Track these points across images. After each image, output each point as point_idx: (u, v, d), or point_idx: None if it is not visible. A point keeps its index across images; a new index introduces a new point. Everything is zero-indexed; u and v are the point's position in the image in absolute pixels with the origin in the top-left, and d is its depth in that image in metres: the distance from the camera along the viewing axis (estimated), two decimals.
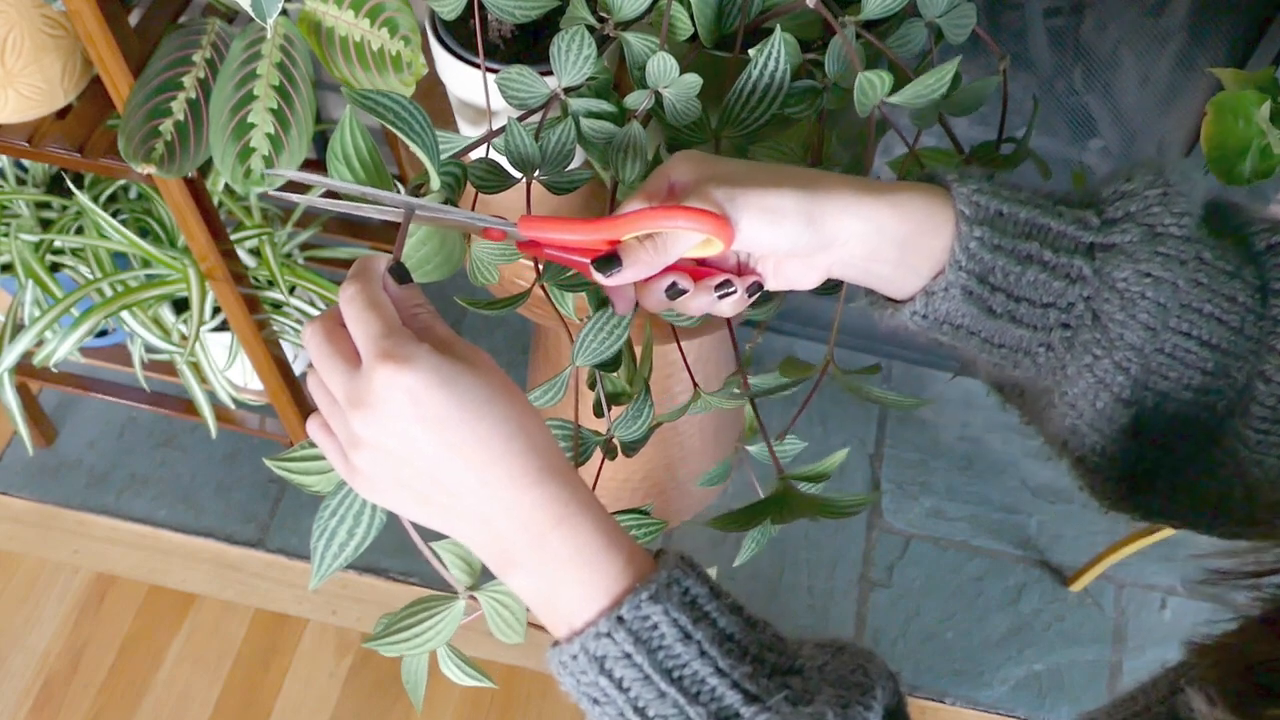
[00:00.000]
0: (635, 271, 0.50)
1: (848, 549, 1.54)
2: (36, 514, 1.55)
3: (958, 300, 0.49)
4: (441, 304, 0.53)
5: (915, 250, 0.49)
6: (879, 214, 0.49)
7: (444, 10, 0.68)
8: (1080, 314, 0.49)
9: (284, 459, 0.54)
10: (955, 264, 0.49)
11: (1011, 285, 0.49)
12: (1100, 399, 0.50)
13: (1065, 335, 0.50)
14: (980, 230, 0.48)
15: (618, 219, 0.50)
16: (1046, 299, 0.49)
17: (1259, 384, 0.49)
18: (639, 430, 0.62)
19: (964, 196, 0.49)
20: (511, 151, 0.59)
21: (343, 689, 1.42)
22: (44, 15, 0.91)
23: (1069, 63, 1.25)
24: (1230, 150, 0.67)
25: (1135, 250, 0.48)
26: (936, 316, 0.50)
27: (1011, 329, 0.50)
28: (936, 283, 0.50)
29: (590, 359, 0.59)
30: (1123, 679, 1.46)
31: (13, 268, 1.26)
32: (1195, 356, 0.49)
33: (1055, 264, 0.49)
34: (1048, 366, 0.51)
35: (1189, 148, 1.29)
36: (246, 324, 1.14)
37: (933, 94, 0.62)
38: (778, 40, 0.60)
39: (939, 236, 0.49)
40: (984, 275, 0.49)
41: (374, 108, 0.52)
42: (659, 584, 0.44)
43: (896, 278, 0.51)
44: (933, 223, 0.49)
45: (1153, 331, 0.48)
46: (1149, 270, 0.48)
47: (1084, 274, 0.49)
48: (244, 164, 0.77)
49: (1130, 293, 0.48)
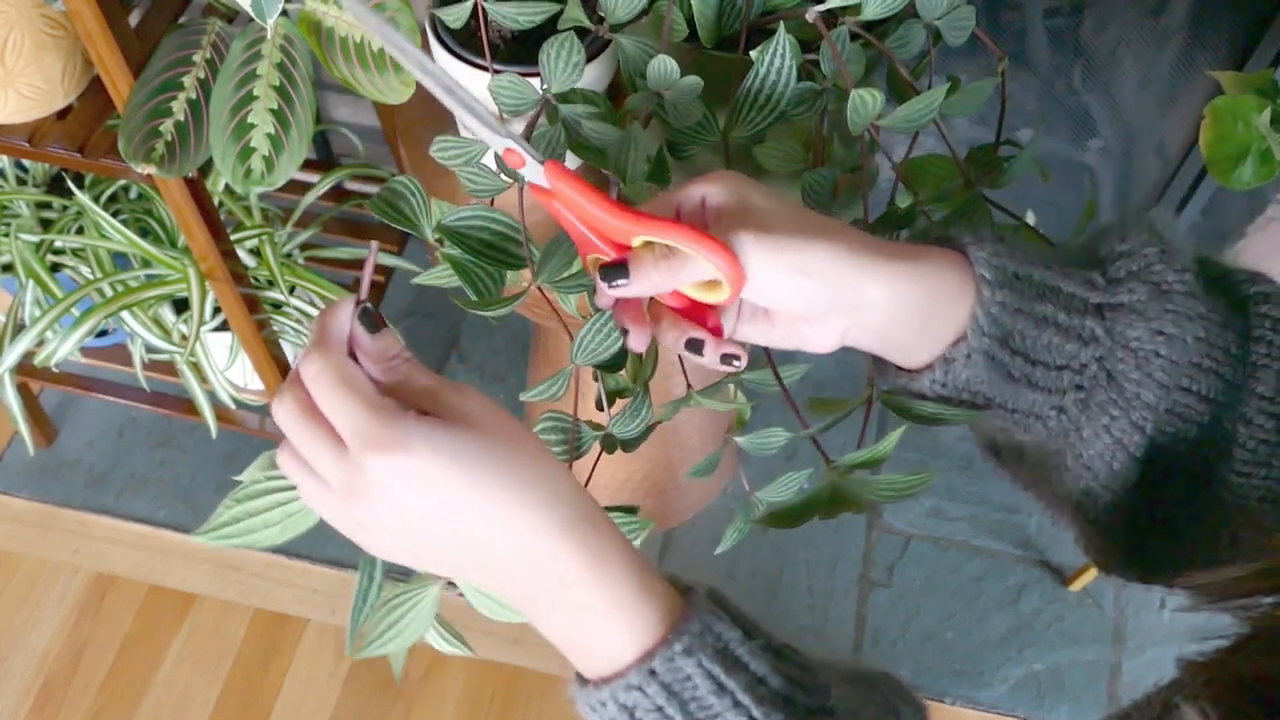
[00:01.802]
0: (640, 288, 0.48)
1: (848, 549, 1.54)
2: (36, 514, 1.55)
3: (979, 366, 0.49)
4: (441, 304, 0.53)
5: (935, 317, 0.49)
6: (902, 282, 0.48)
7: (450, 20, 0.68)
8: (1094, 375, 0.49)
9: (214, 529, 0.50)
10: (978, 329, 0.48)
11: (1029, 349, 0.48)
12: (1117, 459, 0.50)
13: (1079, 397, 0.49)
14: (1002, 294, 0.48)
15: (642, 217, 0.47)
16: (1060, 361, 0.49)
17: (1240, 427, 0.49)
18: (637, 428, 0.62)
19: (984, 260, 0.48)
20: (499, 158, 0.59)
21: (343, 689, 1.42)
22: (44, 15, 0.91)
23: (1069, 63, 1.25)
24: (1230, 154, 0.68)
25: (1145, 308, 0.48)
26: (956, 384, 0.50)
27: (1027, 393, 0.50)
28: (957, 349, 0.49)
29: (589, 359, 0.59)
30: (1122, 679, 1.46)
31: (13, 268, 1.26)
32: (1194, 411, 0.49)
33: (1069, 325, 0.48)
34: (1059, 429, 0.51)
35: (1188, 148, 1.29)
36: (246, 324, 1.15)
37: (922, 119, 0.62)
38: (782, 40, 0.60)
39: (959, 303, 0.48)
40: (1005, 339, 0.48)
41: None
42: (692, 635, 0.43)
43: (914, 345, 0.50)
44: (952, 289, 0.48)
45: (1166, 390, 0.48)
46: (1161, 328, 0.48)
47: (1096, 334, 0.48)
48: (244, 164, 0.77)
49: (1144, 351, 0.48)
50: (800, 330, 0.51)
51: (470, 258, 0.58)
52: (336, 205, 1.42)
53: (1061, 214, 1.38)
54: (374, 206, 0.57)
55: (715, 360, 0.50)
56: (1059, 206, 1.40)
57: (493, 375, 1.66)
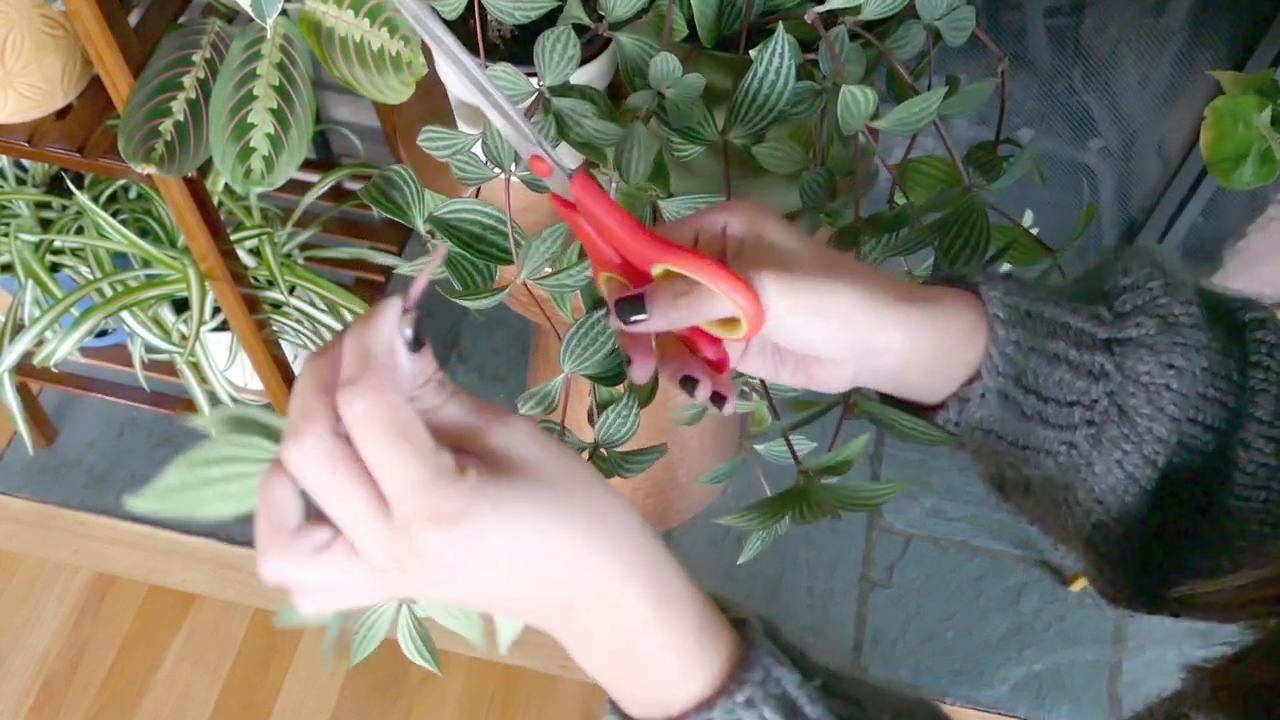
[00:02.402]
0: (657, 324, 0.47)
1: (848, 549, 1.54)
2: (36, 514, 1.55)
3: (993, 405, 0.49)
4: (441, 304, 0.53)
5: (950, 359, 0.49)
6: (918, 326, 0.47)
7: (445, 10, 0.68)
8: (1105, 409, 0.49)
9: (160, 492, 0.38)
10: (993, 369, 0.48)
11: (1041, 386, 0.48)
12: (1130, 493, 0.50)
13: (1090, 433, 0.49)
14: (1015, 333, 0.48)
15: (667, 245, 0.45)
16: (1071, 397, 0.49)
17: (1240, 451, 0.49)
18: (625, 435, 0.62)
19: (997, 300, 0.48)
20: (489, 147, 0.59)
21: (343, 689, 1.42)
22: (44, 15, 0.91)
23: (1069, 63, 1.25)
24: (1230, 155, 0.67)
25: (1154, 342, 0.48)
26: (970, 423, 0.50)
27: (1039, 430, 0.49)
28: (971, 389, 0.49)
29: (578, 365, 0.58)
30: (1122, 679, 1.46)
31: (13, 268, 1.26)
32: (1200, 442, 0.49)
33: (1079, 362, 0.48)
34: (1069, 464, 0.51)
35: (1188, 148, 1.29)
36: (246, 324, 1.14)
37: (918, 122, 0.62)
38: (780, 40, 0.60)
39: (972, 343, 0.48)
40: (1019, 378, 0.48)
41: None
42: (754, 684, 0.40)
43: (926, 386, 0.50)
44: (966, 330, 0.48)
45: (1177, 422, 0.48)
46: (1171, 362, 0.48)
47: (1106, 370, 0.48)
48: (244, 164, 0.77)
49: (1155, 385, 0.48)
50: (811, 370, 0.50)
51: (459, 250, 0.58)
52: (336, 205, 1.42)
53: (1061, 214, 1.38)
54: (367, 194, 0.57)
55: (705, 399, 0.49)
56: (1059, 206, 1.40)
57: (493, 375, 1.66)
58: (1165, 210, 1.37)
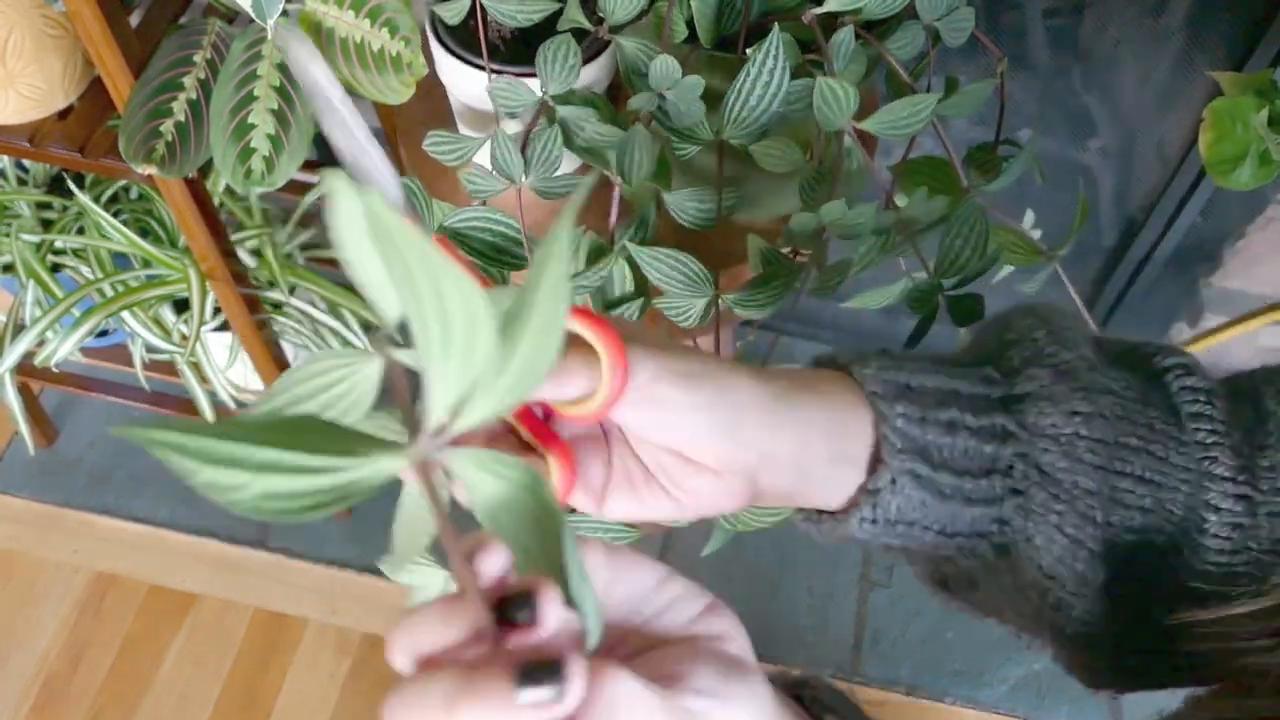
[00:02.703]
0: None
1: (848, 549, 1.54)
2: (37, 514, 1.55)
3: (908, 489, 0.44)
4: None
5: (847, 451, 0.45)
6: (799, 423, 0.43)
7: (447, 15, 0.68)
8: (1024, 473, 0.45)
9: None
10: (891, 447, 0.44)
11: (949, 459, 0.45)
12: (1079, 559, 0.46)
13: (1018, 503, 0.46)
14: (900, 405, 0.44)
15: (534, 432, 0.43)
16: (984, 466, 0.45)
17: (1209, 515, 0.45)
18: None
19: (869, 378, 0.45)
20: (499, 161, 0.59)
21: (343, 689, 1.42)
22: (44, 16, 0.91)
23: (1068, 63, 1.25)
24: (1229, 156, 0.68)
25: (1051, 392, 0.45)
26: (888, 516, 0.45)
27: (964, 511, 0.46)
28: (879, 478, 0.44)
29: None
30: None
31: (14, 268, 1.26)
32: (1133, 495, 0.45)
33: (978, 426, 0.45)
34: (1006, 544, 0.47)
35: (1188, 149, 1.29)
36: (247, 324, 1.15)
37: (908, 127, 0.61)
38: (775, 40, 0.60)
39: (861, 432, 0.45)
40: (923, 453, 0.44)
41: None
42: None
43: (831, 478, 0.45)
44: (853, 416, 0.45)
45: (1103, 472, 0.45)
46: (1074, 409, 0.45)
47: (1009, 429, 0.45)
48: (244, 164, 0.78)
49: (1065, 436, 0.45)
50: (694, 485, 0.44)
51: (472, 259, 0.58)
52: None
53: (1062, 214, 1.38)
54: None
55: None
56: (1059, 206, 1.40)
57: None
58: (1164, 210, 1.37)
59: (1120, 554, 0.46)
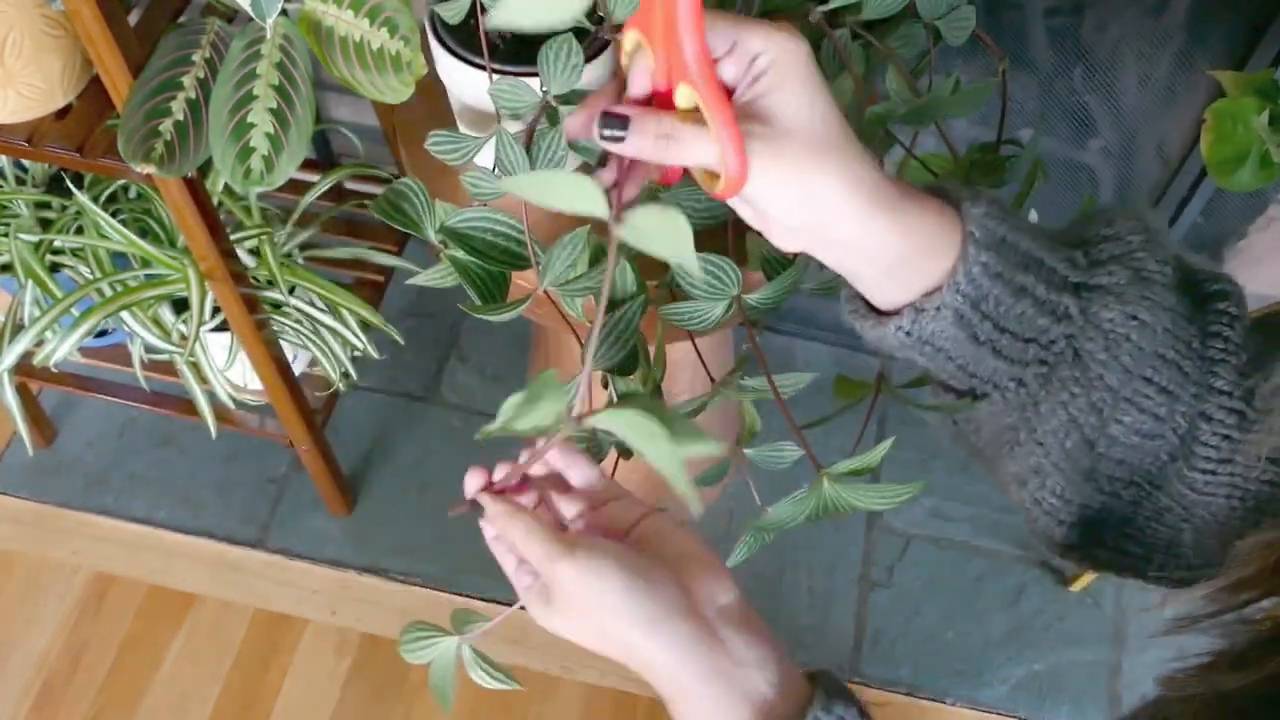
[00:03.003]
0: (629, 151, 0.44)
1: (848, 549, 1.54)
2: (36, 514, 1.55)
3: (947, 323, 0.48)
4: (441, 304, 0.53)
5: (911, 268, 0.48)
6: (882, 231, 0.46)
7: (447, 15, 0.68)
8: (1060, 351, 0.49)
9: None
10: (954, 285, 0.47)
11: (1000, 315, 0.48)
12: (1071, 438, 0.50)
13: (1041, 371, 0.49)
14: (986, 255, 0.47)
15: (710, 72, 0.43)
16: (1029, 334, 0.48)
17: (1202, 424, 0.49)
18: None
19: (976, 219, 0.47)
20: (502, 162, 0.59)
21: (343, 689, 1.42)
22: (44, 15, 0.91)
23: (1069, 63, 1.25)
24: (1230, 157, 0.68)
25: (1123, 292, 0.48)
26: (921, 335, 0.49)
27: (989, 359, 0.49)
28: (929, 300, 0.48)
29: (602, 364, 0.59)
30: (1122, 679, 1.46)
31: (12, 268, 1.26)
32: (1152, 402, 0.49)
33: (1045, 299, 0.48)
34: (1015, 402, 0.51)
35: (1188, 149, 1.29)
36: (246, 324, 1.14)
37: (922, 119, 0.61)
38: None
39: (939, 259, 0.47)
40: (978, 302, 0.47)
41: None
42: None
43: (881, 287, 0.49)
44: (936, 245, 0.47)
45: (1129, 375, 0.48)
46: (1135, 313, 0.48)
47: (1070, 312, 0.48)
48: (243, 164, 0.77)
49: (1115, 334, 0.48)
50: (768, 223, 0.48)
51: (474, 259, 0.58)
52: (336, 205, 1.42)
53: (1062, 213, 1.38)
54: (377, 208, 0.57)
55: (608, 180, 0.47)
56: (1059, 206, 1.40)
57: (493, 375, 1.66)
58: (1165, 210, 1.37)
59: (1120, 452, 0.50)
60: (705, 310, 0.61)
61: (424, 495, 1.55)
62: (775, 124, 0.44)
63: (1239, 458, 0.49)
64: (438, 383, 1.65)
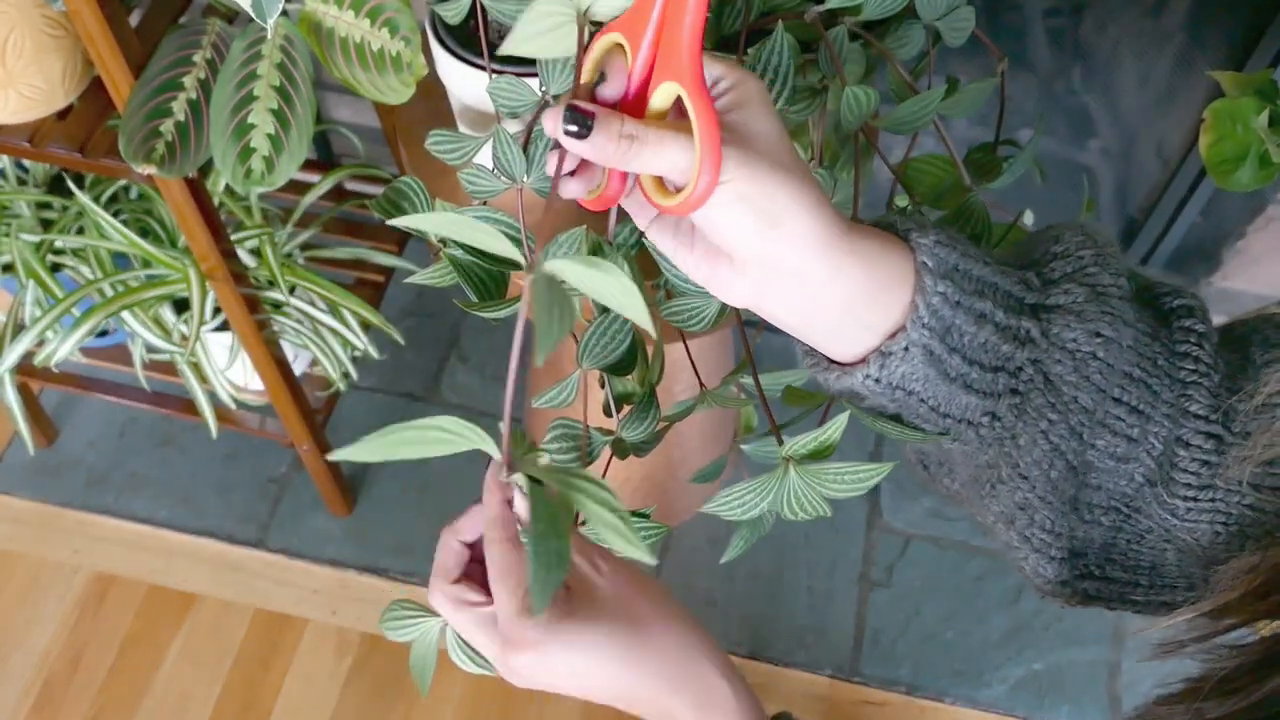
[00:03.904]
0: (588, 151, 0.42)
1: (848, 549, 1.54)
2: (37, 514, 1.55)
3: (917, 362, 0.46)
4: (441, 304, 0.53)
5: (871, 302, 0.45)
6: (843, 259, 0.44)
7: (448, 15, 0.68)
8: (1029, 378, 0.47)
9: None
10: (918, 320, 0.45)
11: (966, 346, 0.46)
12: (1055, 467, 0.48)
13: (1014, 402, 0.48)
14: (943, 285, 0.45)
15: (698, 73, 0.42)
16: (996, 362, 0.47)
17: (1179, 450, 0.48)
18: (644, 432, 0.62)
19: (927, 249, 0.45)
20: (500, 161, 0.59)
21: (343, 689, 1.42)
22: (45, 16, 0.91)
23: (1068, 63, 1.25)
24: (1229, 157, 0.67)
25: (1082, 309, 0.47)
26: (891, 380, 0.47)
27: (961, 395, 0.47)
28: (895, 342, 0.46)
29: (595, 362, 0.59)
30: (1122, 679, 1.46)
31: (14, 268, 1.26)
32: (1123, 424, 0.47)
33: (1005, 325, 0.46)
34: (991, 438, 0.49)
35: (1187, 149, 1.29)
36: (247, 324, 1.15)
37: (917, 121, 0.61)
38: (779, 38, 0.60)
39: (896, 292, 0.46)
40: (944, 334, 0.46)
41: None
42: None
43: (835, 330, 0.47)
44: (891, 278, 0.45)
45: (1103, 395, 0.47)
46: (1099, 330, 0.46)
47: (1032, 335, 0.47)
48: (244, 164, 0.78)
49: (1081, 353, 0.46)
50: (716, 267, 0.46)
51: (473, 258, 0.58)
52: (337, 205, 1.42)
53: (1062, 213, 1.38)
54: (377, 207, 0.57)
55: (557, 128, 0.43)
56: (1059, 206, 1.40)
57: (493, 375, 1.66)
58: (1164, 210, 1.37)
59: (1097, 478, 0.49)
60: (701, 308, 0.61)
61: (424, 495, 1.55)
62: (741, 136, 0.43)
63: (1219, 482, 0.48)
64: (438, 383, 1.65)
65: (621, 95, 0.45)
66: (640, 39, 0.43)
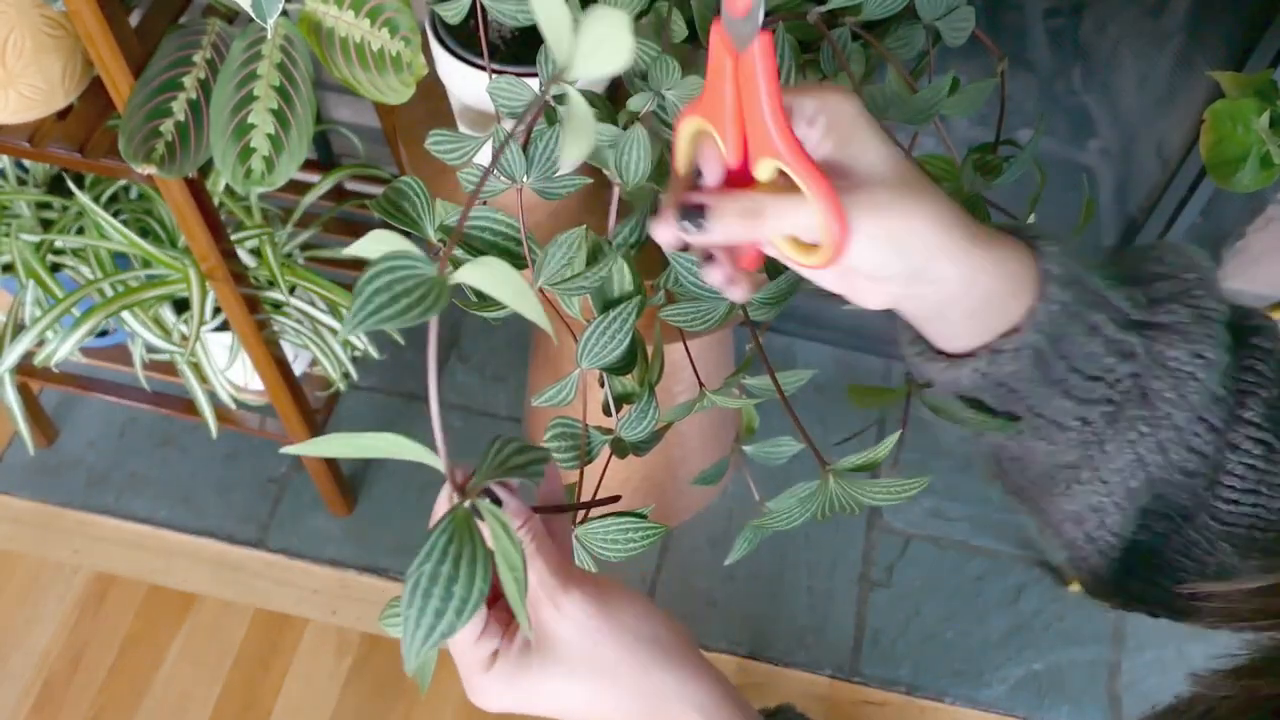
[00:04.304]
0: (717, 237, 0.44)
1: (848, 549, 1.54)
2: (37, 514, 1.55)
3: (1025, 363, 0.47)
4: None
5: (994, 307, 0.47)
6: (977, 266, 0.45)
7: (448, 15, 0.68)
8: (1127, 390, 0.48)
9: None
10: (1036, 325, 0.46)
11: (1073, 354, 0.47)
12: (1136, 477, 0.49)
13: (1107, 410, 0.49)
14: (1066, 294, 0.46)
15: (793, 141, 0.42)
16: (1096, 372, 0.48)
17: (1229, 454, 0.49)
18: (644, 432, 0.62)
19: (1054, 257, 0.47)
20: (500, 160, 0.59)
21: (343, 689, 1.42)
22: (44, 16, 0.91)
23: (1068, 63, 1.25)
24: (1229, 158, 0.67)
25: (1188, 330, 0.48)
26: (996, 377, 0.48)
27: (1058, 399, 0.49)
28: (1007, 341, 0.47)
29: (595, 361, 0.59)
30: (1122, 679, 1.46)
31: (14, 268, 1.26)
32: (1200, 440, 0.49)
33: (1114, 338, 0.48)
34: (1078, 440, 0.50)
35: (1187, 149, 1.29)
36: (247, 324, 1.15)
37: (918, 120, 0.61)
38: (781, 39, 0.60)
39: (1020, 297, 0.47)
40: (1056, 341, 0.47)
41: None
42: None
43: (960, 329, 0.48)
44: (1019, 282, 0.47)
45: (1194, 415, 0.48)
46: (1201, 352, 0.48)
47: (1135, 351, 0.48)
48: (244, 164, 0.78)
49: (1182, 373, 0.48)
50: (854, 281, 0.48)
51: (472, 258, 0.58)
52: (337, 205, 1.43)
53: (1062, 213, 1.38)
54: (377, 207, 0.57)
55: (719, 281, 0.47)
56: (1059, 206, 1.40)
57: (493, 375, 1.66)
58: (1164, 210, 1.37)
59: (1161, 488, 0.50)
60: (708, 309, 0.61)
61: (424, 495, 1.55)
62: (857, 175, 0.44)
63: (1264, 488, 0.49)
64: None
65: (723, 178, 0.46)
66: (722, 120, 0.44)
